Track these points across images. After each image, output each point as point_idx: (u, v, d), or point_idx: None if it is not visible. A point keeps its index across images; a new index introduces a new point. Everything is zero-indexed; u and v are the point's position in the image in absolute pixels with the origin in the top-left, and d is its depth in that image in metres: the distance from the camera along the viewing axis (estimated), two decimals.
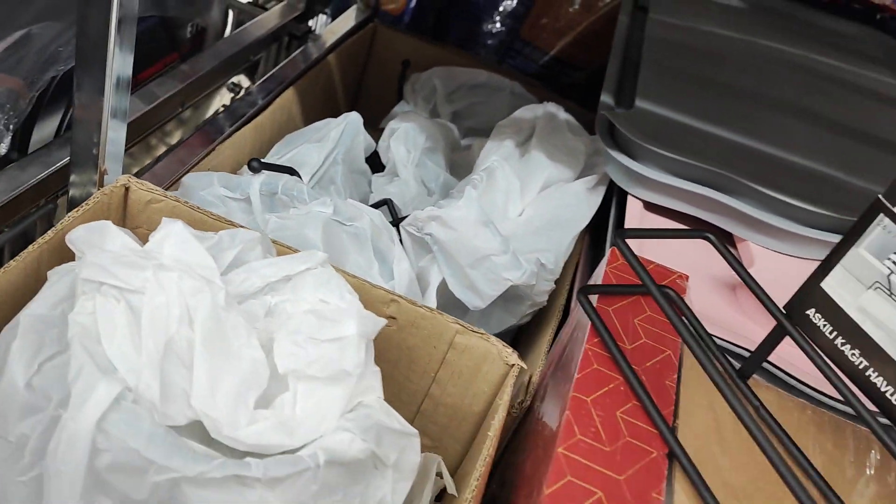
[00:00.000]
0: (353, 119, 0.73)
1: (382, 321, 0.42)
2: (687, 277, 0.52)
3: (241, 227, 0.51)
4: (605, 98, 0.70)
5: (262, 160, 0.58)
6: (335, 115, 0.90)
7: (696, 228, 0.55)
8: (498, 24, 1.07)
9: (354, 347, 0.39)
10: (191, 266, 0.40)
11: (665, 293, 0.49)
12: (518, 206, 0.63)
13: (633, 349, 0.45)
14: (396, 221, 0.69)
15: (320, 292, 0.43)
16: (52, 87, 0.62)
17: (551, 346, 0.60)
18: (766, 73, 0.79)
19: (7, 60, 0.56)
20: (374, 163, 0.79)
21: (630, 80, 0.75)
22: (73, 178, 0.51)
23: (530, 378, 0.53)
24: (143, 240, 0.51)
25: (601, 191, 0.69)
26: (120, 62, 0.46)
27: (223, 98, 0.84)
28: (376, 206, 0.70)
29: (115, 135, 0.49)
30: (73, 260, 0.43)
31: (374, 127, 1.00)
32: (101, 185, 0.51)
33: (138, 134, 0.68)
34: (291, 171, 0.60)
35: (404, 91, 0.93)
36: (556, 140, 0.72)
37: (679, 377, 0.45)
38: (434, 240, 0.58)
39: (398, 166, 0.74)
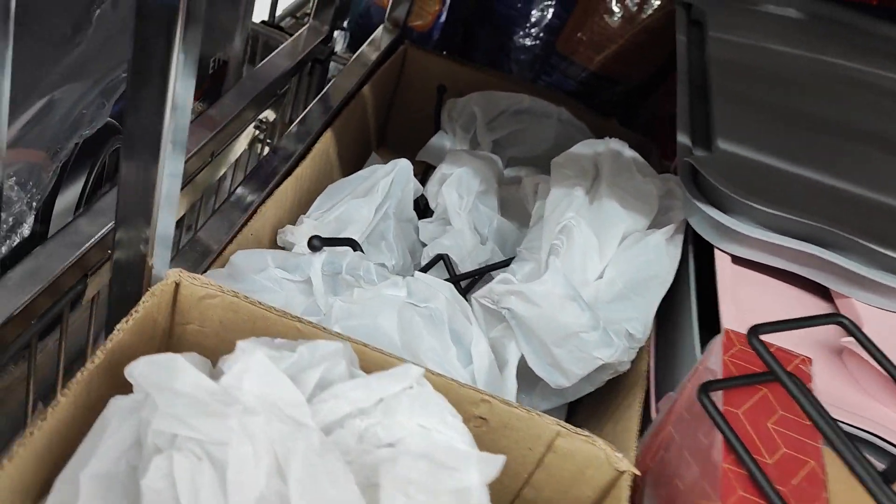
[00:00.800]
0: (404, 167, 0.66)
1: (501, 459, 0.36)
2: (810, 361, 0.47)
3: (312, 325, 0.45)
4: (682, 139, 0.64)
5: (322, 237, 0.52)
6: (368, 149, 0.84)
7: (829, 313, 0.50)
8: (531, 38, 1.01)
9: (477, 500, 0.33)
10: (277, 405, 0.34)
11: (800, 387, 0.43)
12: (598, 266, 0.57)
13: (775, 465, 0.40)
14: (454, 279, 0.63)
15: (419, 416, 0.37)
16: (74, 154, 0.56)
17: (641, 423, 0.55)
18: (841, 97, 0.73)
19: (29, 133, 0.49)
20: (419, 206, 0.73)
21: (701, 111, 0.69)
22: (114, 270, 0.44)
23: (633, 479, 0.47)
24: (194, 337, 0.45)
25: (680, 241, 0.63)
26: (176, 132, 0.40)
27: (248, 135, 0.78)
28: (431, 263, 0.64)
29: (166, 218, 0.43)
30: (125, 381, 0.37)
31: (405, 155, 0.95)
32: (149, 284, 0.44)
33: None
34: (353, 244, 0.54)
35: (441, 120, 0.86)
36: (626, 184, 0.65)
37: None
38: (513, 314, 0.53)
39: (451, 214, 0.68)
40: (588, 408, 0.63)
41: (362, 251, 0.54)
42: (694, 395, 0.46)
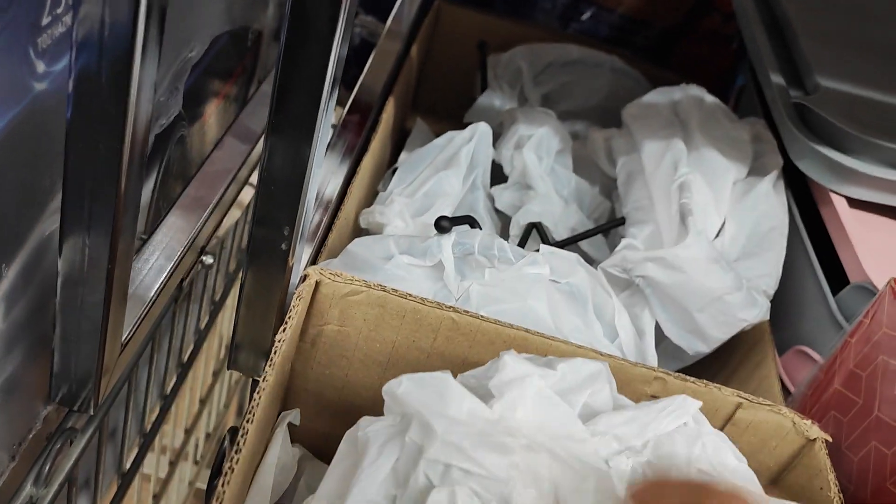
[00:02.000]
0: (484, 132, 0.62)
1: None
2: None
3: (468, 314, 0.41)
4: (776, 78, 0.61)
5: (448, 216, 0.48)
6: (405, 113, 0.79)
7: None
8: None
9: None
10: (559, 440, 0.30)
11: None
12: (716, 222, 0.54)
13: None
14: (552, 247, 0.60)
15: (697, 459, 0.34)
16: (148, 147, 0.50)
17: (782, 383, 0.52)
18: None
19: None
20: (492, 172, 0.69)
21: (782, 49, 0.66)
22: (250, 270, 0.40)
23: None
24: (334, 338, 0.42)
25: (782, 187, 0.60)
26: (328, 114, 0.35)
27: None
28: (526, 232, 0.61)
29: (309, 212, 0.39)
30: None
31: (439, 116, 0.90)
32: (288, 285, 0.40)
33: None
34: (471, 221, 0.50)
35: (488, 77, 0.82)
36: (717, 132, 0.62)
37: None
38: (649, 282, 0.49)
39: (533, 179, 0.64)
40: (698, 369, 0.61)
41: (480, 227, 0.50)
42: (868, 353, 0.44)
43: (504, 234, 0.65)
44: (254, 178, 0.62)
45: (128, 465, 0.55)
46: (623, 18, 0.96)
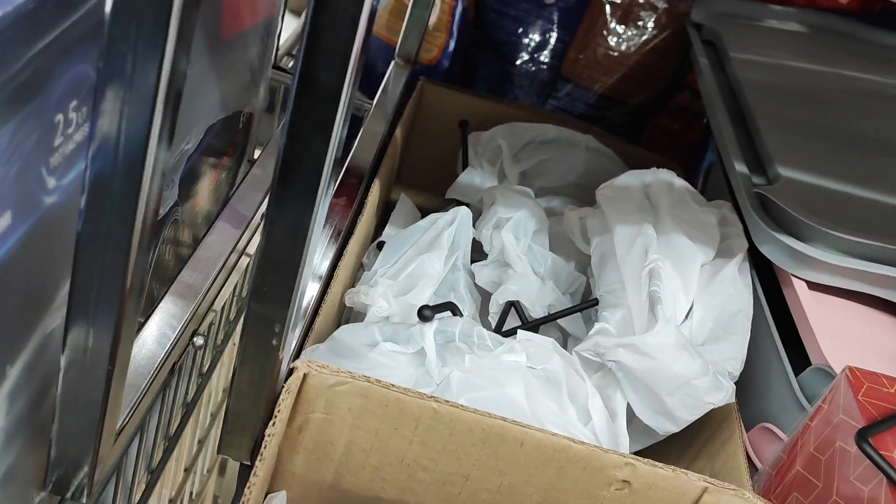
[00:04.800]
0: (465, 216, 0.65)
1: None
2: None
3: (448, 404, 0.43)
4: (741, 168, 0.65)
5: (430, 305, 0.51)
6: (388, 189, 0.82)
7: None
8: (535, 64, 1.01)
9: None
10: None
11: None
12: (685, 306, 0.57)
13: None
14: (528, 325, 0.63)
15: None
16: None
17: (749, 460, 0.55)
18: (874, 112, 0.75)
19: None
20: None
21: (745, 137, 0.70)
22: (240, 364, 0.42)
23: None
24: (320, 426, 0.44)
25: (747, 270, 0.63)
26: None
27: None
28: (505, 312, 0.63)
29: (299, 310, 0.41)
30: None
31: (421, 191, 0.93)
32: (278, 376, 0.42)
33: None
34: (453, 308, 0.53)
35: (469, 155, 0.85)
36: (686, 216, 0.66)
37: None
38: (621, 366, 0.52)
39: (511, 259, 0.66)
40: (668, 443, 0.63)
41: (461, 314, 0.53)
42: (827, 436, 0.47)
43: (484, 309, 0.68)
44: (244, 260, 0.64)
45: None
46: (599, 96, 1.00)
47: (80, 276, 0.34)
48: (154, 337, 0.49)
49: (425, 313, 0.49)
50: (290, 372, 0.43)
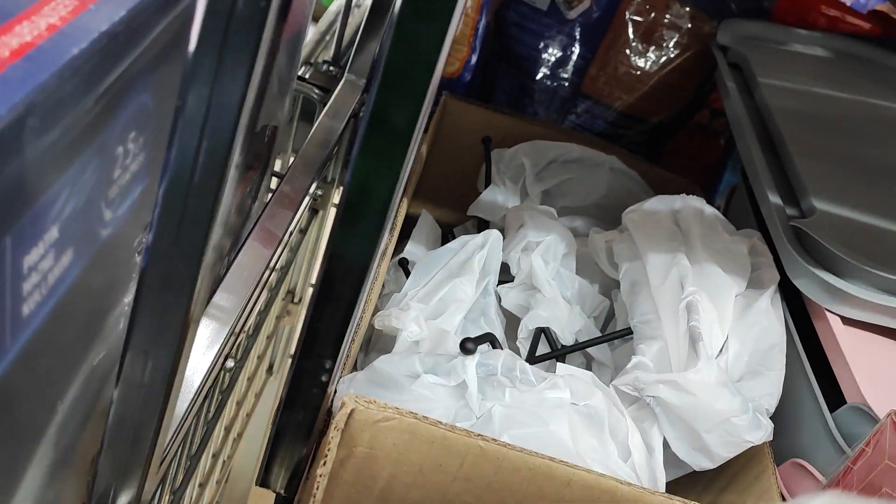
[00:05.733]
0: (496, 240, 0.65)
1: None
2: None
3: (495, 442, 0.43)
4: (773, 198, 0.65)
5: (471, 337, 0.50)
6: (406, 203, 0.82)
7: None
8: (555, 80, 1.00)
9: None
10: None
11: None
12: (720, 339, 0.57)
13: None
14: (557, 353, 0.62)
15: None
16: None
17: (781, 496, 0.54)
18: None
19: None
20: None
21: (776, 165, 0.70)
22: (287, 400, 0.41)
23: None
24: (363, 461, 0.43)
25: (779, 302, 0.63)
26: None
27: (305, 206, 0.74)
28: (535, 338, 0.63)
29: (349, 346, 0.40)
30: None
31: (440, 206, 0.92)
32: (326, 410, 0.42)
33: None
34: (492, 340, 0.52)
35: (492, 173, 0.84)
36: (717, 245, 0.65)
37: None
38: (660, 402, 0.52)
39: (541, 283, 0.66)
40: (695, 473, 0.63)
41: (500, 346, 0.52)
42: (872, 482, 0.46)
43: (509, 331, 0.67)
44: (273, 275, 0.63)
45: None
46: (619, 114, 1.00)
47: (143, 313, 0.33)
48: (190, 363, 0.48)
49: (468, 346, 0.49)
50: (339, 408, 0.42)
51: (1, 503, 0.33)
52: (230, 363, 0.54)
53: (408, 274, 0.67)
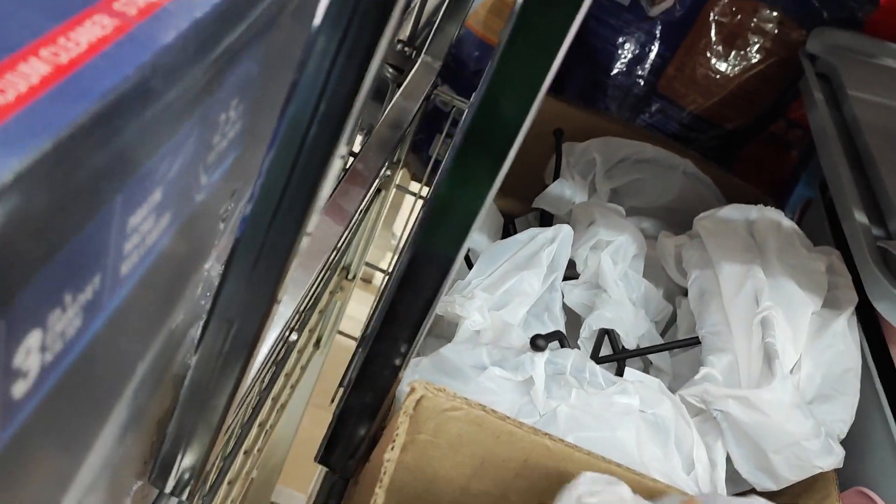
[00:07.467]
0: (567, 235, 0.63)
1: None
2: None
3: (563, 443, 0.42)
4: (860, 216, 0.62)
5: (542, 334, 0.49)
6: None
7: None
8: (631, 77, 0.98)
9: None
10: None
11: None
12: (793, 357, 0.55)
13: None
14: (619, 356, 0.61)
15: None
16: None
17: None
18: None
19: None
20: None
21: (862, 182, 0.67)
22: (356, 384, 0.41)
23: None
24: (424, 448, 0.42)
25: (855, 324, 0.61)
26: None
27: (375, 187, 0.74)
28: (599, 339, 0.62)
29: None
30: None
31: (504, 192, 0.91)
32: (393, 395, 0.41)
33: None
34: (561, 338, 0.51)
35: (562, 166, 0.83)
36: (794, 260, 0.63)
37: None
38: (727, 417, 0.50)
39: (608, 284, 0.65)
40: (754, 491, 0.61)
41: (569, 344, 0.51)
42: None
43: (569, 329, 0.66)
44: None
45: None
46: (693, 117, 0.98)
47: (232, 282, 0.33)
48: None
49: (539, 343, 0.48)
50: (408, 394, 0.42)
51: (78, 456, 0.33)
52: (294, 336, 0.54)
53: (467, 261, 0.67)
